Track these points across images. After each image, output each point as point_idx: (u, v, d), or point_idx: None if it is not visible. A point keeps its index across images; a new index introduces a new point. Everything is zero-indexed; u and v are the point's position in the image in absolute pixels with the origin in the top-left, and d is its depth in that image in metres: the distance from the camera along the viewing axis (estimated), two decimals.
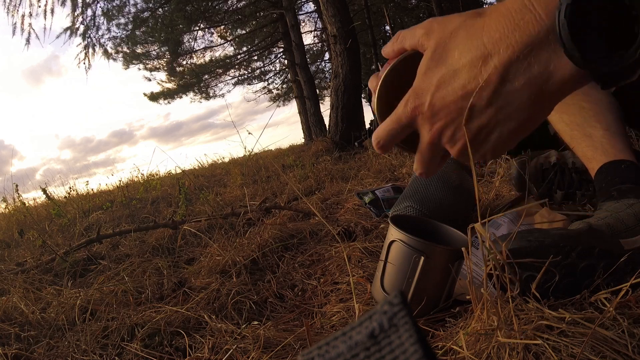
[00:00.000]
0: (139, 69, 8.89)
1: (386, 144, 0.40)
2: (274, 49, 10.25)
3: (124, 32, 7.82)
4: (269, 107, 11.64)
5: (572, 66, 0.30)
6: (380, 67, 0.52)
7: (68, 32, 6.90)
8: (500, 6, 0.33)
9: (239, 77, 10.36)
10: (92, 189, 3.87)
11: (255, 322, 0.83)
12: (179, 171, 3.81)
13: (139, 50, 8.45)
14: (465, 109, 0.34)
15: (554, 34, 0.30)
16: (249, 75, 10.61)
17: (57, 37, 6.90)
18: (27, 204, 2.97)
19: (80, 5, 6.92)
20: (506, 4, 0.32)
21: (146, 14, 7.78)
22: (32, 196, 4.37)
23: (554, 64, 0.31)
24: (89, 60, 7.23)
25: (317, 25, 10.19)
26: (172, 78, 9.54)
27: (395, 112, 0.38)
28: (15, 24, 6.42)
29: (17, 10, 6.43)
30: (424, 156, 0.39)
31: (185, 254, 1.41)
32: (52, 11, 6.56)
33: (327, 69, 11.24)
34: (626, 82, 0.30)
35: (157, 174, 4.26)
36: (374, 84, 0.41)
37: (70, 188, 3.57)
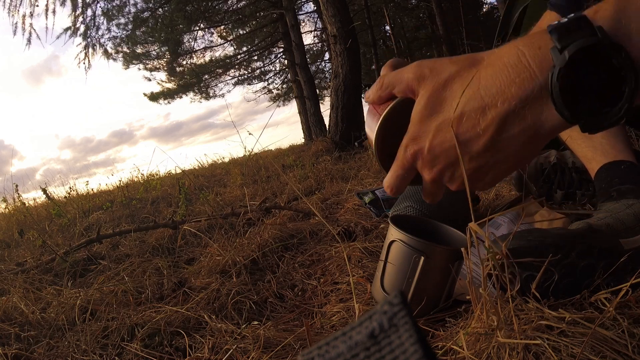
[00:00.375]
0: (139, 69, 8.90)
1: (398, 189, 0.43)
2: (274, 49, 10.25)
3: (124, 32, 7.82)
4: (269, 107, 11.65)
5: (561, 118, 0.33)
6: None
7: (68, 32, 6.90)
8: (495, 60, 0.35)
9: (239, 77, 10.36)
10: (92, 189, 3.88)
11: (255, 322, 0.83)
12: (179, 171, 3.82)
13: (139, 50, 8.44)
14: (463, 153, 0.37)
15: (546, 90, 0.32)
16: (249, 75, 10.61)
17: (58, 37, 6.89)
18: (27, 204, 2.97)
19: (80, 5, 6.92)
20: (502, 59, 0.34)
21: (146, 14, 7.78)
22: (32, 196, 4.37)
23: (546, 115, 0.33)
24: (89, 60, 7.23)
25: (317, 25, 10.20)
26: (172, 78, 9.55)
27: (398, 158, 0.41)
28: (16, 24, 6.41)
29: (18, 10, 6.43)
30: (429, 191, 0.43)
31: (185, 254, 1.41)
32: (54, 11, 6.56)
33: (327, 69, 11.25)
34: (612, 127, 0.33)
35: (157, 174, 4.26)
36: (371, 130, 0.44)
37: (70, 188, 3.57)
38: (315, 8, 9.51)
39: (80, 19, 6.99)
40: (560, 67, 0.31)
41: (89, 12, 7.07)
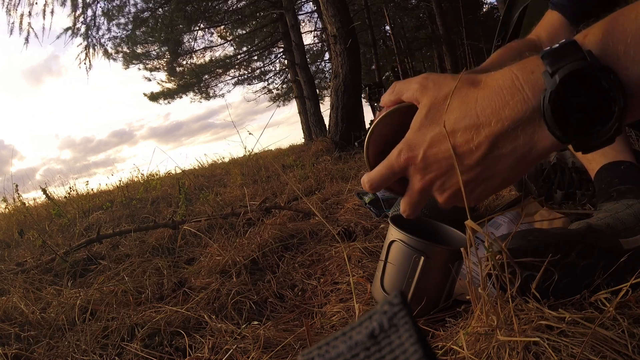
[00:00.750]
0: (139, 69, 8.90)
1: (378, 187, 0.44)
2: (274, 49, 10.25)
3: (124, 32, 7.82)
4: (269, 107, 11.65)
5: (553, 139, 0.34)
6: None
7: (69, 32, 6.90)
8: (492, 82, 0.37)
9: (239, 77, 10.36)
10: (92, 189, 3.88)
11: (255, 322, 0.83)
12: (179, 171, 3.82)
13: (139, 50, 8.44)
14: (452, 166, 0.39)
15: (539, 113, 0.34)
16: (249, 75, 10.61)
17: (58, 37, 6.90)
18: (27, 204, 2.97)
19: (80, 5, 6.92)
20: (497, 80, 0.36)
21: (146, 14, 7.78)
22: (32, 196, 4.37)
23: (538, 136, 0.35)
24: (89, 60, 7.23)
25: (317, 25, 10.19)
26: (172, 78, 9.54)
27: (389, 160, 0.42)
28: (13, 23, 6.41)
29: (16, 10, 6.43)
30: (413, 200, 0.44)
31: (185, 254, 1.41)
32: (52, 11, 6.56)
33: (327, 69, 11.25)
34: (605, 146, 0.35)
35: (157, 174, 4.27)
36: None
37: (70, 188, 3.57)
38: (315, 8, 9.51)
39: (81, 19, 6.99)
40: (552, 90, 0.33)
41: (89, 12, 7.07)
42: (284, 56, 10.07)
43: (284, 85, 11.42)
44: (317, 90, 8.70)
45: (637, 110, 0.33)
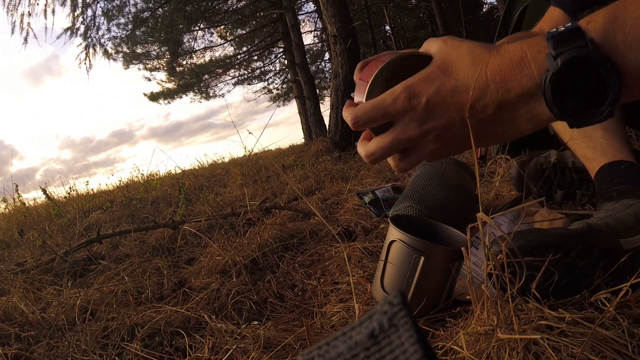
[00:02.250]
0: (139, 69, 8.89)
1: (361, 126, 0.44)
2: (274, 49, 10.25)
3: (124, 32, 7.81)
4: (269, 107, 11.65)
5: (550, 114, 0.38)
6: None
7: (68, 32, 6.90)
8: (505, 52, 0.39)
9: (239, 77, 10.35)
10: (92, 189, 3.88)
11: (255, 322, 0.83)
12: (179, 171, 3.82)
13: (139, 50, 8.44)
14: (457, 119, 0.41)
15: (540, 89, 0.37)
16: (249, 75, 10.60)
17: (58, 37, 6.89)
18: (27, 204, 2.97)
19: (80, 5, 6.91)
20: (509, 53, 0.39)
21: (146, 14, 7.77)
22: (32, 196, 4.37)
23: (537, 110, 0.38)
24: (89, 60, 7.23)
25: (317, 25, 10.19)
26: (172, 78, 9.54)
27: (383, 102, 0.41)
28: (14, 23, 6.41)
29: (17, 10, 6.43)
30: (394, 145, 0.43)
31: (185, 254, 1.41)
32: (53, 11, 6.55)
33: (327, 69, 11.25)
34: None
35: (157, 174, 4.27)
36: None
37: (70, 188, 3.57)
38: (315, 8, 9.51)
39: (80, 19, 6.98)
40: (553, 72, 0.36)
41: (89, 12, 7.07)
42: (284, 56, 10.07)
43: (284, 85, 11.42)
44: (317, 90, 8.70)
45: (630, 92, 0.36)
